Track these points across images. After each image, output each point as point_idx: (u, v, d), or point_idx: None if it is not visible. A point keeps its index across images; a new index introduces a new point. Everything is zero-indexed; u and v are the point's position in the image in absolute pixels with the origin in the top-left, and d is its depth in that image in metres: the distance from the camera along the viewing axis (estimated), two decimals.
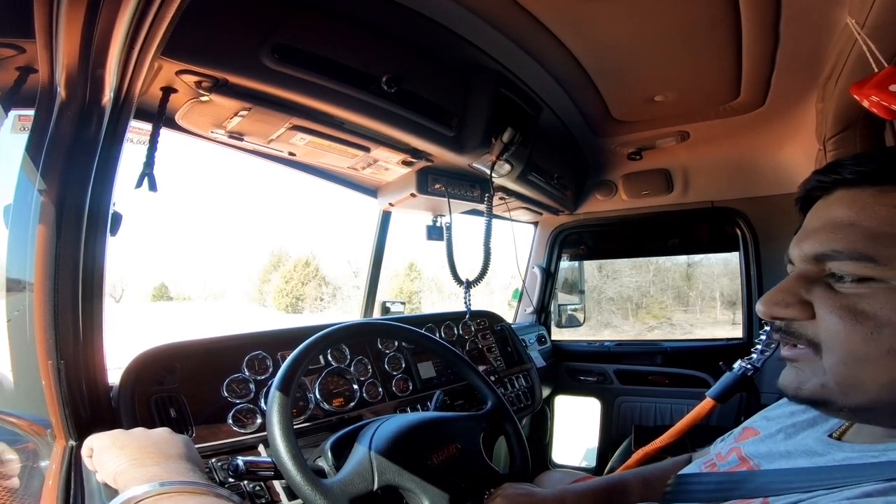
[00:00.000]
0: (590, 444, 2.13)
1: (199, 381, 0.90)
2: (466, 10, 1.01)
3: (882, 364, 0.40)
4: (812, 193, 0.49)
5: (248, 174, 61.04)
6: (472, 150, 1.25)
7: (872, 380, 0.41)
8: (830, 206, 0.45)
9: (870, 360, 0.40)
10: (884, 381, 0.40)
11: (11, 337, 0.71)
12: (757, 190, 1.81)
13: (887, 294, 0.40)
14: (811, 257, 0.45)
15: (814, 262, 0.45)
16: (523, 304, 2.22)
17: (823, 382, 0.43)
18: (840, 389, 0.42)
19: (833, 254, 0.42)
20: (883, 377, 0.40)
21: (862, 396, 0.41)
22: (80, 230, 0.67)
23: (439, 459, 0.78)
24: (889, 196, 0.41)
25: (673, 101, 1.45)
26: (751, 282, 1.86)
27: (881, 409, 0.41)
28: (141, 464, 0.57)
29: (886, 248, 0.40)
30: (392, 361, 1.22)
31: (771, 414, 0.63)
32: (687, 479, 0.61)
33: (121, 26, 0.56)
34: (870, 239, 0.41)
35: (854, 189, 0.44)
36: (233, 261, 26.51)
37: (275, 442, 0.68)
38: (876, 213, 0.41)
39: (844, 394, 0.42)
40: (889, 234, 0.40)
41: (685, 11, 1.02)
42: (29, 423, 0.74)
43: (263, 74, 0.86)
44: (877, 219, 0.41)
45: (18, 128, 0.73)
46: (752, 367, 1.18)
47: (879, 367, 0.40)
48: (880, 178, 0.42)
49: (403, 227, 1.83)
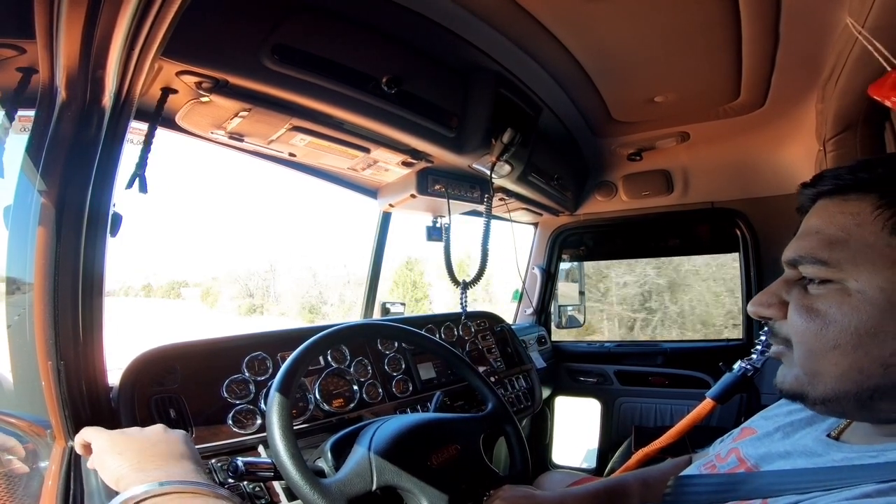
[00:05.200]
0: (590, 444, 2.13)
1: (199, 382, 0.90)
2: (466, 11, 1.01)
3: (831, 357, 0.44)
4: (804, 204, 0.52)
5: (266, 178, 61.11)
6: (472, 151, 1.25)
7: (827, 372, 0.45)
8: (810, 215, 0.49)
9: (822, 353, 0.45)
10: (835, 373, 0.44)
11: (11, 337, 0.71)
12: (757, 191, 1.81)
13: (836, 294, 0.44)
14: (787, 262, 0.50)
15: (792, 267, 0.49)
16: (523, 305, 2.22)
17: (796, 374, 0.48)
18: (808, 381, 0.46)
19: (800, 259, 0.47)
20: (833, 370, 0.44)
21: (822, 387, 0.45)
22: (81, 231, 0.67)
23: (439, 461, 0.78)
24: (849, 204, 0.45)
25: (673, 101, 1.45)
26: (751, 282, 1.86)
27: (842, 400, 0.44)
28: (142, 468, 0.57)
29: (837, 252, 0.44)
30: (392, 362, 1.22)
31: (769, 413, 0.63)
32: (687, 480, 0.61)
33: (121, 27, 0.56)
34: (826, 244, 0.45)
35: (828, 199, 0.48)
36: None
37: (274, 442, 0.68)
38: (836, 220, 0.45)
39: (812, 385, 0.46)
40: (842, 240, 0.44)
41: (685, 12, 1.02)
42: (29, 424, 0.74)
43: (264, 75, 0.86)
44: (835, 226, 0.45)
45: (18, 128, 0.73)
46: (752, 368, 1.18)
47: (829, 361, 0.44)
48: (846, 188, 0.46)
49: (410, 229, 1.81)
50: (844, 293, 0.43)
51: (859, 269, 0.43)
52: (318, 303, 21.35)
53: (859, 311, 0.42)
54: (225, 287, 24.97)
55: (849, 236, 0.44)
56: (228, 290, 24.69)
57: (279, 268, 23.78)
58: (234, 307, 23.49)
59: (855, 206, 0.44)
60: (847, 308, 0.43)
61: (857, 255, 0.43)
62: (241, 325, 18.48)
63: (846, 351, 0.43)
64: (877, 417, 0.45)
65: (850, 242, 0.44)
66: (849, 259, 0.43)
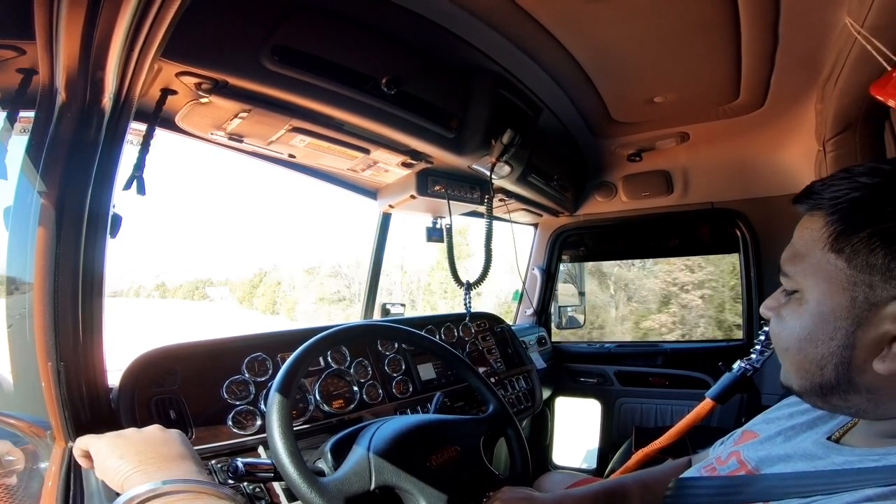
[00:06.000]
0: (590, 445, 2.13)
1: (198, 383, 0.90)
2: (466, 12, 1.01)
3: (786, 357, 0.51)
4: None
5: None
6: (472, 152, 1.25)
7: (789, 369, 0.51)
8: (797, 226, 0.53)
9: (782, 353, 0.52)
10: (792, 371, 0.51)
11: (11, 339, 0.71)
12: (757, 191, 1.81)
13: (794, 303, 0.49)
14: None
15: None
16: (523, 306, 2.22)
17: (785, 369, 0.53)
18: (790, 374, 0.52)
19: (780, 268, 0.52)
20: (791, 368, 0.51)
21: (794, 382, 0.51)
22: (80, 232, 0.67)
23: (438, 462, 0.78)
24: (813, 220, 0.48)
25: (672, 102, 1.45)
26: (751, 283, 1.86)
27: (807, 393, 0.50)
28: (145, 469, 0.57)
29: (797, 265, 0.49)
30: (392, 363, 1.22)
31: (771, 416, 0.63)
32: (687, 483, 0.61)
33: (121, 28, 0.56)
34: (792, 258, 0.50)
35: (807, 213, 0.50)
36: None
37: (274, 442, 0.68)
38: (803, 235, 0.49)
39: (787, 379, 0.52)
40: (802, 254, 0.48)
41: (684, 12, 1.02)
42: (28, 425, 0.74)
43: (263, 76, 0.86)
44: (800, 240, 0.49)
45: (19, 129, 0.73)
46: (752, 368, 1.18)
47: (787, 360, 0.51)
48: (815, 204, 0.49)
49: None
50: (800, 302, 0.48)
51: (808, 281, 0.47)
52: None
53: (803, 319, 0.48)
54: (324, 281, 21.43)
55: (807, 251, 0.48)
56: (327, 284, 21.18)
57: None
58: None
59: (815, 221, 0.47)
60: (797, 315, 0.48)
61: (807, 269, 0.48)
62: None
63: (794, 352, 0.49)
64: (845, 411, 0.50)
65: (807, 257, 0.48)
66: (802, 272, 0.48)
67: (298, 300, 21.87)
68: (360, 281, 18.80)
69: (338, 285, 20.57)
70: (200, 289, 28.08)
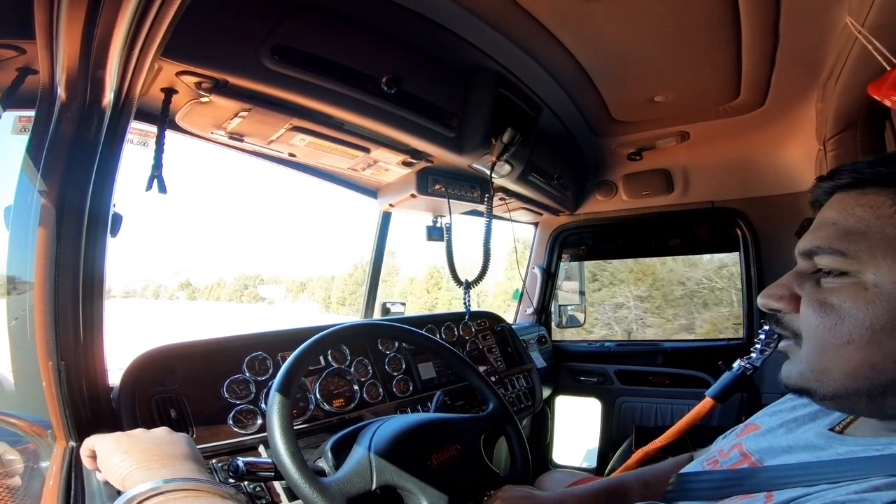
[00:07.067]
0: (590, 444, 2.13)
1: (199, 382, 0.90)
2: (466, 11, 1.01)
3: (843, 353, 0.43)
4: (819, 198, 0.51)
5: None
6: (473, 151, 1.25)
7: (837, 368, 0.44)
8: (826, 208, 0.49)
9: (833, 349, 0.44)
10: (846, 369, 0.43)
11: (12, 338, 0.71)
12: (757, 190, 1.81)
13: (852, 288, 0.43)
14: (801, 253, 0.48)
15: (806, 258, 0.48)
16: (523, 305, 2.22)
17: (801, 371, 0.47)
18: (815, 377, 0.46)
19: (816, 249, 0.46)
20: (846, 366, 0.43)
21: (832, 384, 0.45)
22: (81, 231, 0.67)
23: (439, 461, 0.78)
24: (867, 197, 0.45)
25: (673, 101, 1.45)
26: (751, 282, 1.86)
27: (852, 396, 0.44)
28: (147, 467, 0.57)
29: (855, 243, 0.43)
30: (392, 362, 1.22)
31: (774, 409, 0.63)
32: (689, 477, 0.61)
33: (121, 27, 0.56)
34: (844, 235, 0.44)
35: (845, 193, 0.47)
36: None
37: (274, 442, 0.68)
38: (854, 212, 0.45)
39: (819, 381, 0.46)
40: (861, 232, 0.44)
41: (685, 11, 1.02)
42: (29, 424, 0.74)
43: (263, 75, 0.86)
44: (853, 217, 0.45)
45: (19, 129, 0.73)
46: (752, 367, 1.18)
47: (842, 357, 0.43)
48: (864, 182, 0.46)
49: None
50: (860, 287, 0.43)
51: (877, 261, 0.42)
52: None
53: (875, 306, 0.41)
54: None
55: (868, 228, 0.43)
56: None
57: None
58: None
59: (874, 199, 0.44)
60: (862, 302, 0.42)
61: (875, 248, 0.42)
62: None
63: (859, 346, 0.42)
64: (885, 413, 0.45)
65: (869, 234, 0.43)
66: (866, 251, 0.42)
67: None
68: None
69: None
70: (250, 288, 23.76)
